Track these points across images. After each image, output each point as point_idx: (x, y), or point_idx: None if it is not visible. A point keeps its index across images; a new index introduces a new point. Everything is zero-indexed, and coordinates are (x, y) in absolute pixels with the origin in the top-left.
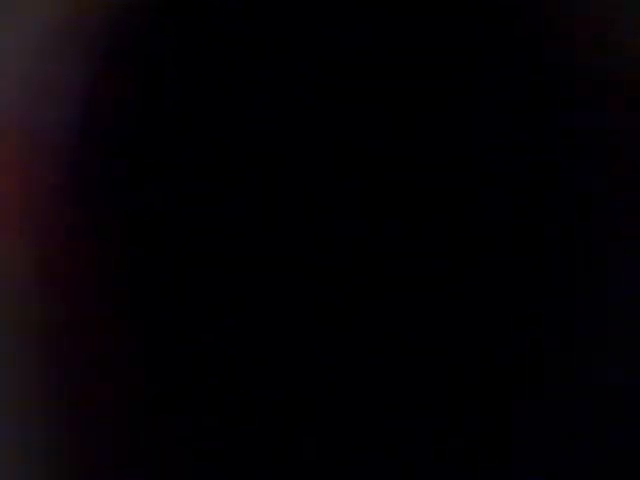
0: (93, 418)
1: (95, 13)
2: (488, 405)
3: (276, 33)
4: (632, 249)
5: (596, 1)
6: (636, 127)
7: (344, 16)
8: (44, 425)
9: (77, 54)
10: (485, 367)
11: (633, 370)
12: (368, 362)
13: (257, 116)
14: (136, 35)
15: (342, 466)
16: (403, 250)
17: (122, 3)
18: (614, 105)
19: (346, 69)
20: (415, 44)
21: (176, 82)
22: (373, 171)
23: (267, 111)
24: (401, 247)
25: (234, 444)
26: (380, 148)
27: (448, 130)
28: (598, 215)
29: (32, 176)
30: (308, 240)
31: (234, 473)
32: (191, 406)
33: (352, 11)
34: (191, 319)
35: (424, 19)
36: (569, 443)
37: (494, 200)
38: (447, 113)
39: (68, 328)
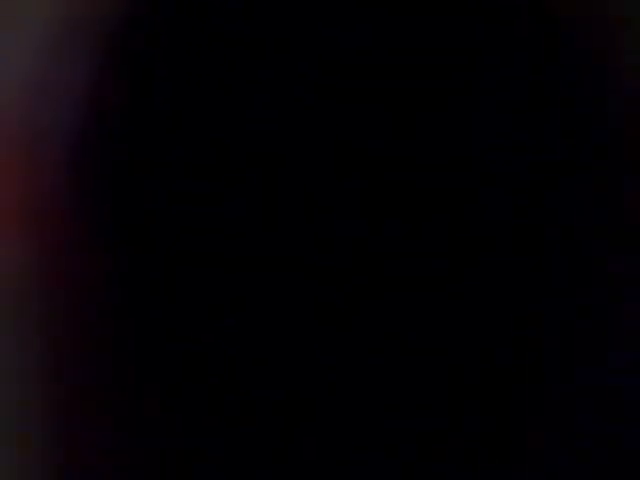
0: (91, 418)
1: (96, 13)
2: (488, 405)
3: (276, 32)
4: (632, 249)
5: (596, 1)
6: (636, 127)
7: (344, 16)
8: (40, 425)
9: (77, 54)
10: (485, 367)
11: (633, 370)
12: (368, 362)
13: (257, 116)
14: (136, 35)
15: (342, 466)
16: (403, 250)
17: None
18: (614, 105)
19: (346, 69)
20: (415, 44)
21: (176, 82)
22: (373, 171)
23: (267, 111)
24: (401, 247)
25: (233, 444)
26: (380, 148)
27: (448, 130)
28: (598, 215)
29: (31, 176)
30: (308, 240)
31: (233, 473)
32: (191, 406)
33: (352, 11)
34: (191, 319)
35: (424, 19)
36: (569, 443)
37: (494, 200)
38: (447, 113)
39: (67, 327)
